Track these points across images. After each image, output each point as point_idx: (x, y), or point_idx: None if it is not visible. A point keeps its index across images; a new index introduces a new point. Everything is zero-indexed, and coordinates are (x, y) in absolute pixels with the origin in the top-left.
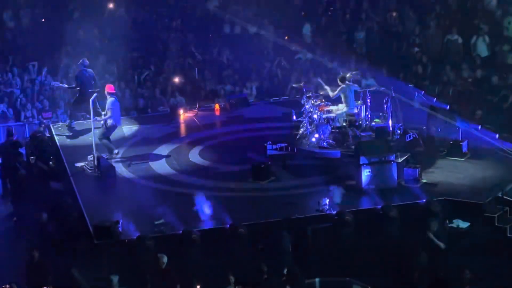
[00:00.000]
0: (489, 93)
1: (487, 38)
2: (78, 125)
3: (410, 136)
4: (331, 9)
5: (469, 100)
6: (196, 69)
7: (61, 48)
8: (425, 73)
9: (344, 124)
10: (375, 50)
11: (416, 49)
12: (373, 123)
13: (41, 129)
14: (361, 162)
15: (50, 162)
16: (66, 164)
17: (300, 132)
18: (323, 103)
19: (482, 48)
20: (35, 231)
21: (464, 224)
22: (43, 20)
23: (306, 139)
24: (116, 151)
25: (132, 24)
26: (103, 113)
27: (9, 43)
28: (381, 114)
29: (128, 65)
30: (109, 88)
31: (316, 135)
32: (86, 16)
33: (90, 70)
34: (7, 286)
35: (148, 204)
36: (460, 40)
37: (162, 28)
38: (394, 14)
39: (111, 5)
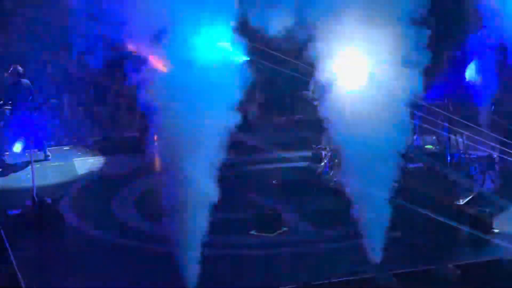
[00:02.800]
0: None
1: None
2: (11, 157)
3: (476, 169)
4: None
5: None
6: None
7: None
8: None
9: None
10: None
11: None
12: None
13: None
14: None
15: None
16: None
17: (323, 164)
18: None
19: None
20: None
21: None
22: None
23: (331, 174)
24: None
25: None
26: None
27: None
28: (433, 138)
29: None
30: None
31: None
32: None
33: (26, 80)
34: None
35: (110, 266)
36: None
37: None
38: None
39: None
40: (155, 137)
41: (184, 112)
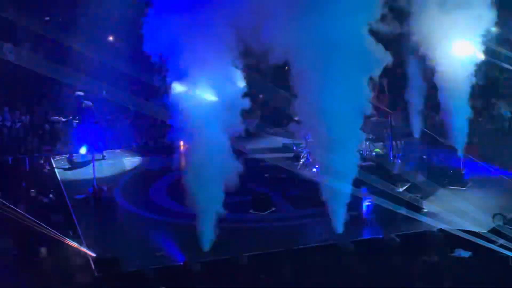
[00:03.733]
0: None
1: None
2: (78, 157)
3: (411, 165)
4: None
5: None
6: None
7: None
8: None
9: None
10: None
11: None
12: (374, 153)
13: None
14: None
15: (50, 195)
16: (66, 196)
17: (301, 162)
18: None
19: None
20: (36, 265)
21: (466, 254)
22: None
23: (307, 169)
24: None
25: None
26: None
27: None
28: (381, 143)
29: None
30: None
31: (317, 166)
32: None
33: (88, 102)
34: None
35: (149, 236)
36: None
37: None
38: None
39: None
40: (182, 144)
41: (202, 126)
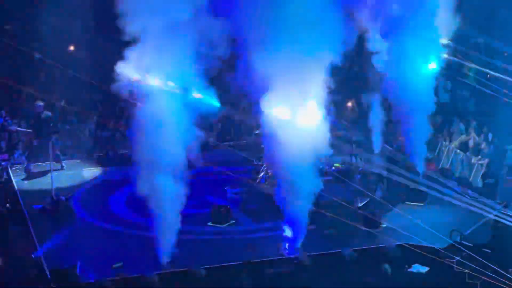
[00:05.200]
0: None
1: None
2: (36, 167)
3: (370, 181)
4: None
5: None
6: None
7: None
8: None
9: None
10: None
11: None
12: (333, 168)
13: None
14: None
15: (7, 205)
16: (23, 206)
17: (260, 176)
18: None
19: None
20: None
21: (423, 269)
22: None
23: (266, 183)
24: None
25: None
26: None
27: None
28: (341, 158)
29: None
30: None
31: (276, 180)
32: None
33: (47, 112)
34: None
35: (107, 247)
36: None
37: None
38: None
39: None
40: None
41: (159, 139)
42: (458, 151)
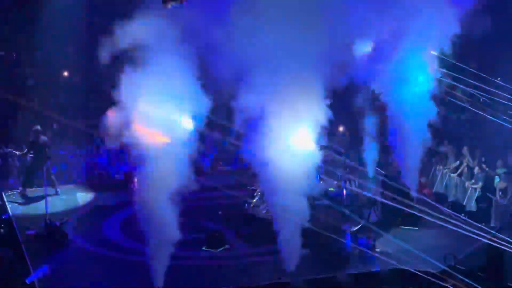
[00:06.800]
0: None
1: None
2: (31, 192)
3: (356, 205)
4: None
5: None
6: None
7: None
8: None
9: None
10: None
11: None
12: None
13: None
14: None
15: (1, 230)
16: (17, 231)
17: (254, 200)
18: None
19: None
20: None
21: None
22: None
23: (260, 207)
24: None
25: None
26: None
27: None
28: (335, 182)
29: None
30: None
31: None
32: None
33: (43, 137)
34: None
35: (101, 273)
36: None
37: None
38: None
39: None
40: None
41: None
42: (452, 175)
